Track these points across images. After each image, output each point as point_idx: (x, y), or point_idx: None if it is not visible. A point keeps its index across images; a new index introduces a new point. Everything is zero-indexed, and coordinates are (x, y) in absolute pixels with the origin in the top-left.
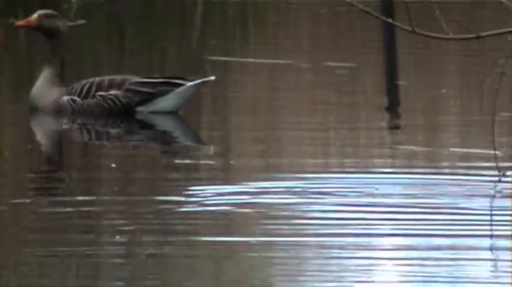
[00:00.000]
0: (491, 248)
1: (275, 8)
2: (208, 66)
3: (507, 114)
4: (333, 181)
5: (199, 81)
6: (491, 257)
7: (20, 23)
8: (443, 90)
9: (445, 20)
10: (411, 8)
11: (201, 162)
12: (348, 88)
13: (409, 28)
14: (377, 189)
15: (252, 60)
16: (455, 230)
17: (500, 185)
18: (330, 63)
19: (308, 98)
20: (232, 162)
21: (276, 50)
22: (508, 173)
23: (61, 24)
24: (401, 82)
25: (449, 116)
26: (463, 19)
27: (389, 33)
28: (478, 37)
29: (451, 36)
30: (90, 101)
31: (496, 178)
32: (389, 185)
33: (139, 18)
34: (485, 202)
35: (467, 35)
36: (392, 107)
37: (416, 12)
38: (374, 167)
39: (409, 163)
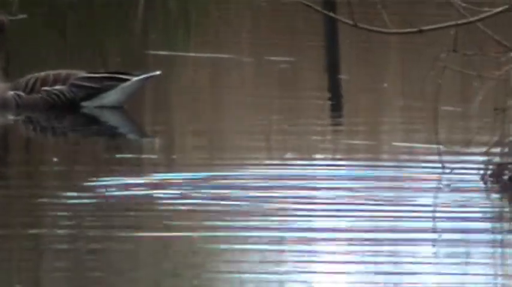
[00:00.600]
0: (434, 241)
1: (217, 1)
2: (150, 60)
3: (450, 108)
4: (274, 173)
5: (144, 76)
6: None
7: None
8: (385, 85)
9: (388, 15)
10: (353, 2)
11: (144, 156)
12: (290, 82)
13: (351, 22)
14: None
15: (194, 54)
16: (398, 221)
17: (444, 179)
18: (272, 58)
19: (250, 92)
20: (174, 156)
21: (218, 44)
22: (451, 166)
23: (4, 18)
24: (343, 76)
25: (391, 111)
26: (405, 14)
27: (331, 28)
28: (421, 31)
29: (393, 30)
30: (35, 96)
31: (439, 171)
32: (331, 179)
33: (81, 12)
34: (428, 196)
35: (409, 29)
36: (334, 101)
37: (358, 7)
38: (316, 160)
39: (351, 156)
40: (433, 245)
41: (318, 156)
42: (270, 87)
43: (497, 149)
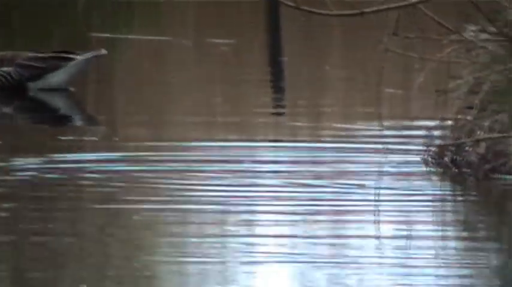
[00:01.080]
0: (376, 222)
1: None
2: (93, 43)
3: (391, 90)
4: (216, 154)
5: (90, 55)
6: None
7: None
8: (327, 67)
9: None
10: None
11: (87, 138)
12: (232, 64)
13: (293, 4)
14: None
15: (136, 37)
16: (340, 205)
17: (386, 161)
18: (213, 40)
19: (192, 74)
20: (117, 136)
21: (161, 27)
22: (393, 148)
23: None
24: (284, 58)
25: (333, 93)
26: None
27: (273, 10)
28: (362, 13)
29: (335, 12)
30: None
31: (381, 154)
32: (272, 160)
33: None
34: (369, 178)
35: (351, 11)
36: (276, 84)
37: None
38: (257, 141)
39: (293, 138)
40: (376, 227)
41: (259, 137)
42: (212, 69)
43: (439, 131)
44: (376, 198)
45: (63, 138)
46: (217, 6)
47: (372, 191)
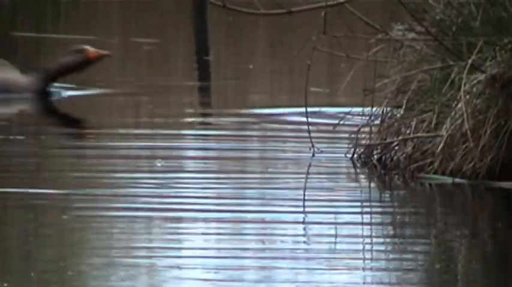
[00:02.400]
0: (303, 222)
1: None
2: (17, 42)
3: (318, 89)
4: (143, 144)
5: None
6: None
7: None
8: (251, 66)
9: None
10: None
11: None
12: (156, 64)
13: (220, 3)
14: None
15: (61, 36)
16: (266, 205)
17: (313, 160)
18: (137, 39)
19: (116, 73)
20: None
21: (85, 26)
22: (320, 147)
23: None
24: (210, 58)
25: (259, 92)
26: None
27: (200, 8)
28: (290, 12)
29: (262, 11)
30: None
31: (308, 152)
32: (199, 160)
33: None
34: (296, 177)
35: (278, 10)
36: (201, 83)
37: None
38: (184, 140)
39: (218, 137)
40: (302, 227)
41: (185, 136)
42: (136, 68)
43: (366, 130)
44: (303, 197)
45: None
46: (143, 5)
47: (299, 190)
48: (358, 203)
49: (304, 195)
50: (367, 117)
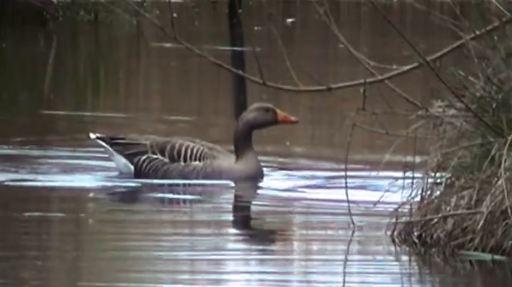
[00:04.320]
0: None
1: (126, 62)
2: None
3: (358, 166)
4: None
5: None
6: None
7: None
8: (287, 143)
9: (296, 73)
10: (262, 61)
11: None
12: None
13: (260, 80)
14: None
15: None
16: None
17: (353, 237)
18: (172, 117)
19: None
20: None
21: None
22: (360, 224)
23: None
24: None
25: (300, 168)
26: (314, 72)
27: (240, 86)
28: (329, 89)
29: (302, 88)
30: None
31: (349, 229)
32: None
33: None
34: (337, 252)
35: (318, 87)
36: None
37: (267, 66)
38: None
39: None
40: None
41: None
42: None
43: (406, 207)
44: (343, 271)
45: None
46: (185, 82)
47: (340, 267)
48: (399, 282)
49: (345, 274)
50: (407, 194)
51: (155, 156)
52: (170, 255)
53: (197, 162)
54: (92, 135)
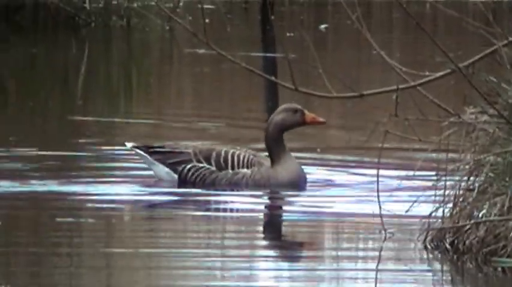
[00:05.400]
0: None
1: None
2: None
3: (390, 173)
4: None
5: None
6: None
7: None
8: (318, 150)
9: (329, 79)
10: (294, 67)
11: None
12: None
13: (292, 86)
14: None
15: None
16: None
17: (385, 243)
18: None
19: None
20: None
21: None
22: (392, 231)
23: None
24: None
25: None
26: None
27: (272, 91)
28: (362, 95)
29: (334, 94)
30: None
31: (380, 235)
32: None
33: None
34: (369, 258)
35: (350, 94)
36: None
37: (299, 71)
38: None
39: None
40: None
41: None
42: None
43: (439, 214)
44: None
45: None
46: (218, 88)
47: (372, 274)
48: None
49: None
50: (440, 201)
51: (201, 164)
52: (202, 264)
53: (245, 169)
54: (128, 145)
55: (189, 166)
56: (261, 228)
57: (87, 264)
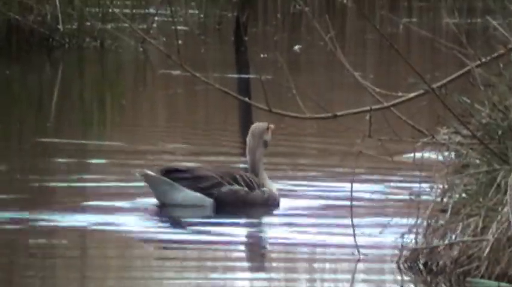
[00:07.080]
0: None
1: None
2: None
3: (366, 194)
4: None
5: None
6: None
7: None
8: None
9: (302, 100)
10: (268, 88)
11: None
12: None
13: (266, 107)
14: None
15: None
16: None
17: (359, 264)
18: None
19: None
20: None
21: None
22: (365, 252)
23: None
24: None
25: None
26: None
27: (246, 113)
28: (335, 116)
29: (308, 115)
30: None
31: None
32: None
33: None
34: (342, 279)
35: (324, 114)
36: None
37: (273, 93)
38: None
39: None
40: None
41: None
42: None
43: (412, 234)
44: None
45: None
46: (192, 109)
47: None
48: None
49: None
50: (413, 222)
51: (237, 187)
52: None
53: (264, 188)
54: (139, 174)
55: (225, 189)
56: (240, 253)
57: None
